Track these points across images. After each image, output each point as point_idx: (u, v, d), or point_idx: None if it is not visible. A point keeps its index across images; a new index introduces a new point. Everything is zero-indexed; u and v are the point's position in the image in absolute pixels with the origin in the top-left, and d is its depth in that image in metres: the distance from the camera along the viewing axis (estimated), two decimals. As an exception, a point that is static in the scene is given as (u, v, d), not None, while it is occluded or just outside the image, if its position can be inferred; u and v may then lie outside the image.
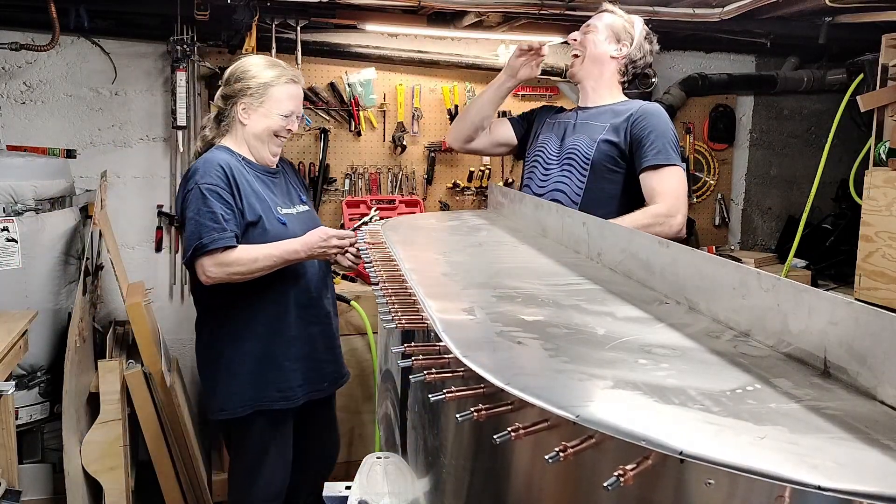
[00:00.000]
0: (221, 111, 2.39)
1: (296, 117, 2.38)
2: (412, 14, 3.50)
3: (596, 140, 2.39)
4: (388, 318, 1.17)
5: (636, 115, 2.37)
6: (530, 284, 1.44)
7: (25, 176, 2.90)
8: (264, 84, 2.31)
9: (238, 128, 2.36)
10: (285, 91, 2.33)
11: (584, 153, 2.40)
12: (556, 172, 2.46)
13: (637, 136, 2.34)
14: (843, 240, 3.97)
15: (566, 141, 2.49)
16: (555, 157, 2.50)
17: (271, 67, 2.35)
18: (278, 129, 2.35)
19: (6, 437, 2.42)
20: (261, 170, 2.39)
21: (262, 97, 2.31)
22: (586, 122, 2.49)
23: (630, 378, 0.85)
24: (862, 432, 0.70)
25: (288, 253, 2.24)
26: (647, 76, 4.08)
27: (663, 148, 2.30)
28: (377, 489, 1.76)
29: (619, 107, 2.47)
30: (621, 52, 2.50)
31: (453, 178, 4.00)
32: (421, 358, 0.94)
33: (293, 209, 2.42)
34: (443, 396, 0.83)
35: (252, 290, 2.28)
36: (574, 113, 2.58)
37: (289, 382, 2.35)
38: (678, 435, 0.66)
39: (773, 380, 0.87)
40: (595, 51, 2.50)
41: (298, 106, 2.39)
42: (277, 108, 2.32)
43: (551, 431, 0.72)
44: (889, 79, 3.06)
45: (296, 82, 2.37)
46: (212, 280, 2.21)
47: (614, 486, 0.59)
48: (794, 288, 0.96)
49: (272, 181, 2.42)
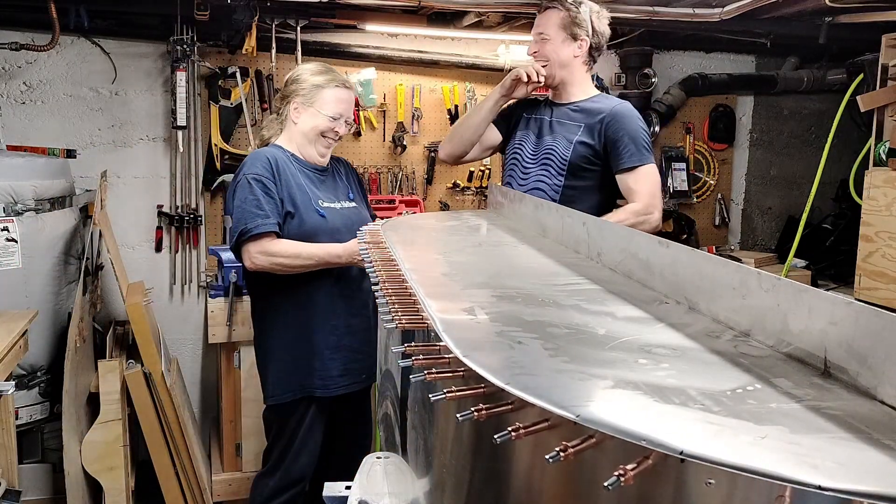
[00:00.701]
0: (279, 110, 2.56)
1: (344, 121, 2.52)
2: (412, 14, 3.50)
3: (572, 142, 2.50)
4: (389, 318, 1.17)
5: (608, 117, 2.48)
6: (530, 284, 1.44)
7: (25, 176, 2.90)
8: (316, 86, 2.47)
9: (290, 126, 2.52)
10: (334, 94, 2.48)
11: (562, 155, 2.51)
12: (535, 171, 2.56)
13: (611, 138, 2.46)
14: (843, 240, 3.98)
15: (543, 140, 2.58)
16: (532, 156, 2.59)
17: (324, 73, 2.52)
18: (325, 130, 2.49)
19: (6, 437, 2.42)
20: (308, 166, 2.53)
21: (313, 98, 2.47)
22: (561, 121, 2.57)
23: (630, 378, 0.85)
24: (863, 432, 0.70)
25: (330, 256, 2.38)
26: (646, 76, 4.08)
27: (636, 150, 2.44)
28: (377, 489, 1.76)
29: (592, 105, 2.55)
30: (582, 49, 2.53)
31: (453, 178, 4.00)
32: (421, 358, 0.94)
33: (337, 204, 2.53)
34: (443, 396, 0.83)
35: (298, 280, 2.41)
36: (548, 109, 2.64)
37: (329, 371, 2.48)
38: (679, 435, 0.66)
39: (774, 380, 0.87)
40: (558, 58, 2.53)
41: (347, 110, 2.53)
42: (325, 110, 2.47)
43: (551, 431, 0.72)
44: (889, 79, 3.06)
45: (346, 87, 2.53)
46: (256, 266, 2.35)
47: (615, 485, 0.60)
48: (794, 288, 0.96)
49: (319, 178, 2.54)
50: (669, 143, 4.34)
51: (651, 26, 3.75)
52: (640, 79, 4.09)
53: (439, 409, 1.07)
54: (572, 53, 2.52)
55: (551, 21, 2.51)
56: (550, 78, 2.57)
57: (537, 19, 2.59)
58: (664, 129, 4.25)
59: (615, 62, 4.18)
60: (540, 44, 2.55)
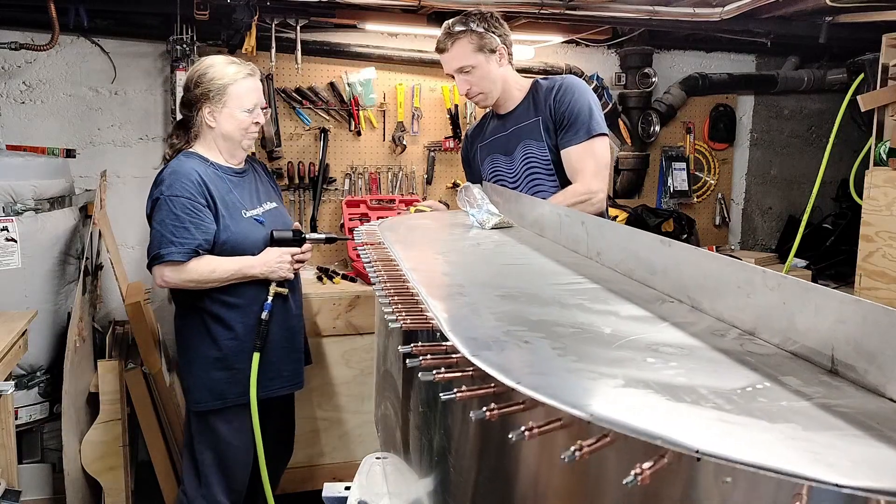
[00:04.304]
0: (187, 118, 2.46)
1: (260, 109, 2.44)
2: (412, 14, 3.50)
3: (542, 140, 2.44)
4: (393, 318, 1.17)
5: (550, 99, 2.41)
6: (532, 284, 1.44)
7: (25, 176, 2.89)
8: (222, 85, 2.37)
9: (207, 132, 2.43)
10: (243, 87, 2.39)
11: (543, 157, 2.44)
12: (525, 185, 2.48)
13: (557, 114, 2.40)
14: (843, 240, 3.99)
15: (515, 154, 2.50)
16: (512, 174, 2.51)
17: (226, 66, 2.40)
18: (247, 125, 2.42)
19: (6, 437, 2.41)
20: (230, 171, 2.46)
21: (223, 98, 2.38)
22: (517, 126, 2.50)
23: (640, 377, 0.85)
24: (875, 429, 0.70)
25: (245, 268, 2.36)
26: (646, 76, 4.09)
27: (575, 127, 2.37)
28: (377, 489, 1.76)
29: (535, 96, 2.47)
30: (504, 55, 2.46)
31: (453, 177, 4.00)
32: (429, 358, 0.93)
33: (259, 208, 2.49)
34: (454, 396, 0.83)
35: (221, 288, 2.38)
36: (498, 122, 2.57)
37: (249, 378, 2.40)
38: (693, 433, 0.65)
39: (782, 378, 0.87)
40: (491, 79, 2.45)
41: (260, 97, 2.45)
42: (240, 105, 2.39)
43: (562, 430, 0.72)
44: (889, 78, 3.07)
45: (252, 75, 2.43)
46: (167, 285, 2.37)
47: (632, 483, 0.59)
48: (801, 286, 0.96)
49: (240, 181, 2.49)
50: (670, 142, 4.35)
51: (651, 26, 3.75)
52: (640, 78, 4.10)
53: (447, 408, 1.07)
54: (498, 66, 2.45)
55: (465, 51, 2.41)
56: (491, 100, 2.50)
57: (448, 58, 2.46)
58: (664, 129, 4.25)
59: (615, 62, 4.19)
60: (467, 78, 2.45)
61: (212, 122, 2.40)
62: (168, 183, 2.32)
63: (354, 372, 3.24)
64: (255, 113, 2.41)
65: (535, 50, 3.87)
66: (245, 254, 2.39)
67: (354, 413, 3.27)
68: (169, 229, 2.29)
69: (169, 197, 2.31)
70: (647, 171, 4.28)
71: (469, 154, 2.74)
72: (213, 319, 2.40)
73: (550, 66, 3.89)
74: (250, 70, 2.43)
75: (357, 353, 3.24)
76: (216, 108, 2.38)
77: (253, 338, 2.41)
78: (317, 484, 3.09)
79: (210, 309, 2.39)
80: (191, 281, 2.33)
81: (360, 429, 3.29)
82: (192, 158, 2.40)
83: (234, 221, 2.38)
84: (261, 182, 2.58)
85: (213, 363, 2.40)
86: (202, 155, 2.43)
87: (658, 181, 4.36)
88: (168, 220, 2.30)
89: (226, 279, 2.35)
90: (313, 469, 3.23)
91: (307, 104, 3.73)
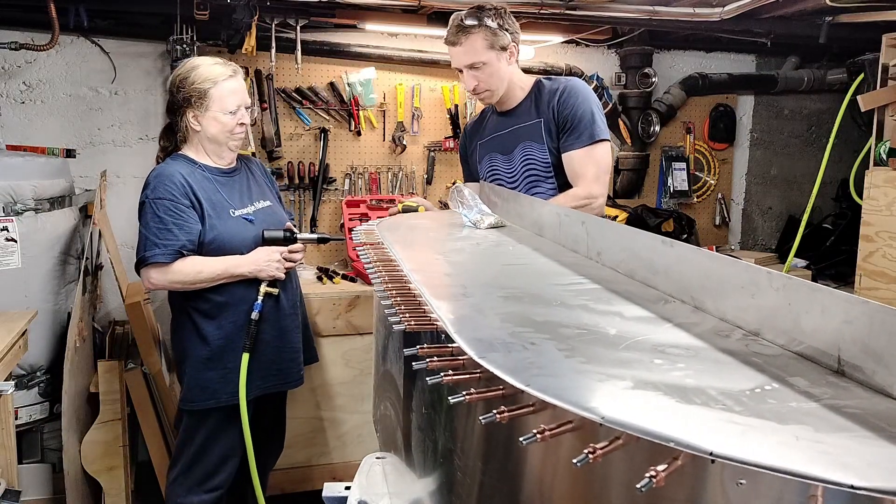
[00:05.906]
0: (172, 122, 2.47)
1: (245, 109, 2.43)
2: (412, 14, 3.50)
3: (543, 142, 2.42)
4: (397, 319, 1.16)
5: (554, 101, 2.39)
6: (534, 284, 1.43)
7: (25, 176, 2.88)
8: (203, 90, 2.36)
9: (193, 135, 2.44)
10: (226, 89, 2.38)
11: (543, 159, 2.43)
12: (523, 186, 2.46)
13: (560, 117, 2.38)
14: (843, 240, 3.99)
15: (514, 154, 2.48)
16: (510, 174, 2.50)
17: (208, 68, 2.39)
18: (232, 127, 2.40)
19: (6, 437, 2.40)
20: (218, 172, 2.46)
21: (206, 102, 2.37)
22: (518, 125, 2.48)
23: (649, 378, 0.84)
24: (885, 430, 0.70)
25: (233, 267, 2.36)
26: (646, 76, 4.09)
27: (583, 130, 2.35)
28: (377, 489, 1.75)
29: (539, 95, 2.45)
30: (514, 52, 2.43)
31: (453, 177, 3.99)
32: (436, 360, 0.93)
33: (250, 208, 2.48)
34: (464, 398, 0.83)
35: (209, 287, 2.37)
36: (499, 119, 2.55)
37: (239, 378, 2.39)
38: (706, 435, 0.65)
39: (789, 378, 0.87)
40: (500, 77, 2.42)
41: (244, 97, 2.43)
42: (223, 108, 2.37)
43: (572, 433, 0.72)
44: (889, 78, 3.07)
45: (233, 76, 2.41)
46: (154, 287, 2.37)
47: (647, 487, 0.59)
48: (807, 287, 0.96)
49: (230, 182, 2.48)
50: (670, 142, 4.35)
51: (651, 26, 3.75)
52: (640, 78, 4.10)
53: (453, 410, 1.06)
54: (507, 63, 2.42)
55: (478, 46, 2.36)
56: (496, 98, 2.47)
57: (458, 52, 2.42)
58: (664, 129, 4.25)
59: (615, 62, 4.19)
60: (476, 74, 2.40)
61: (196, 126, 2.40)
62: (152, 186, 2.34)
63: (354, 372, 3.23)
64: (238, 114, 2.40)
65: (535, 50, 3.87)
66: (233, 253, 2.38)
67: (354, 413, 3.27)
68: (153, 232, 2.30)
69: (153, 200, 2.32)
70: (647, 171, 4.28)
71: (467, 151, 2.73)
72: (203, 318, 2.40)
73: (550, 66, 3.88)
74: (232, 71, 2.42)
75: (357, 353, 3.24)
76: (199, 112, 2.37)
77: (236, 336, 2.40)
78: (316, 484, 3.09)
79: (199, 307, 2.39)
80: (177, 282, 2.33)
81: (360, 429, 3.29)
82: (178, 161, 2.42)
83: (220, 221, 2.37)
84: (254, 181, 2.56)
85: (205, 362, 2.40)
86: (189, 157, 2.44)
87: (658, 181, 4.36)
88: (152, 222, 2.31)
89: (214, 279, 2.34)
90: (313, 469, 3.22)
91: (307, 104, 3.72)
